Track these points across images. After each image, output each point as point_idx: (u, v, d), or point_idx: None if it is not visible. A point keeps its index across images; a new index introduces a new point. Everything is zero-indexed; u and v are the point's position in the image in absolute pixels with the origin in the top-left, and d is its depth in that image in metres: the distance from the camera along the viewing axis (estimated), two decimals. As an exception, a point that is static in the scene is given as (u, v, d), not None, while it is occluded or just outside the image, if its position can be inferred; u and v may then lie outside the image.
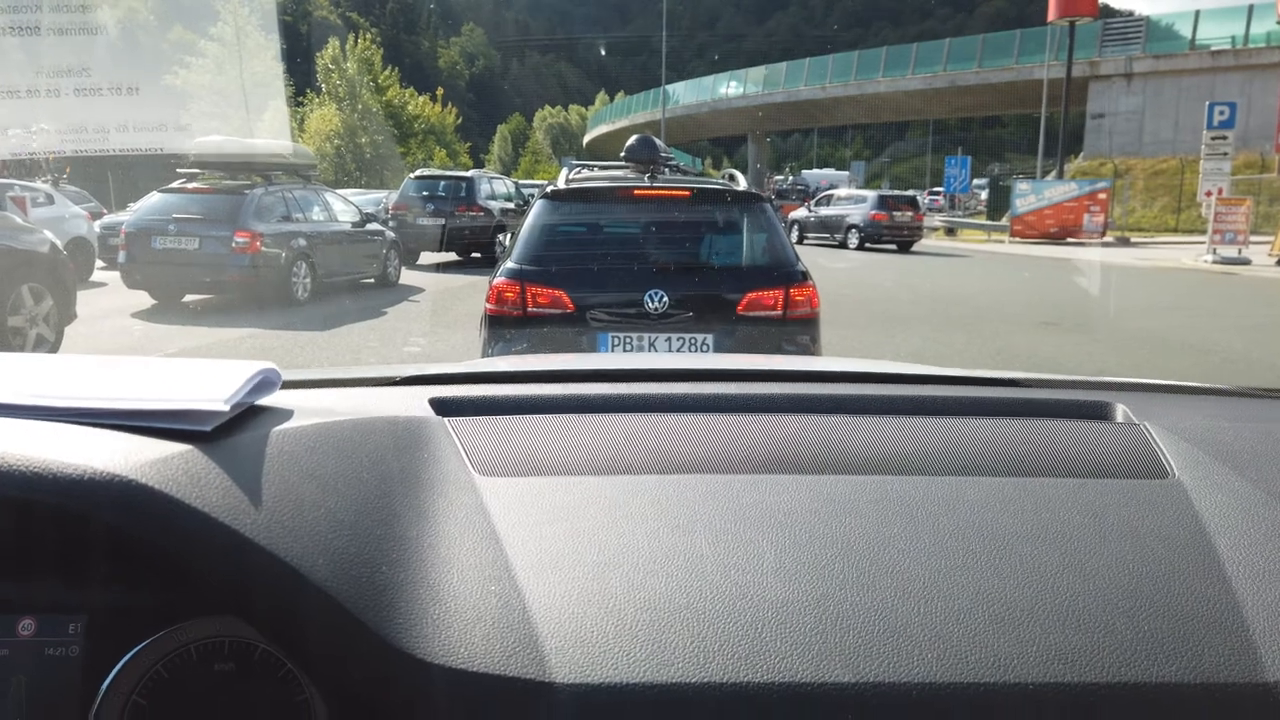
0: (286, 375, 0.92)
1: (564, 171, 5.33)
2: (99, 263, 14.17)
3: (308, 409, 0.85)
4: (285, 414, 0.82)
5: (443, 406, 0.98)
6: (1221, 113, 21.14)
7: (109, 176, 25.08)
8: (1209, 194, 20.15)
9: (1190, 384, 1.29)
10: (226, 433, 0.74)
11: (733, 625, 0.65)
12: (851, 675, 0.61)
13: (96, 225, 14.89)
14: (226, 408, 0.74)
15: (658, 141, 5.40)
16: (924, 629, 0.65)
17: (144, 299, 11.08)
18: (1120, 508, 0.82)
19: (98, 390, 0.77)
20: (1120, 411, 1.04)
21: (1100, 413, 1.05)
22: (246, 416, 0.79)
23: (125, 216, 12.67)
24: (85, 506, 0.62)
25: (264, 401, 0.84)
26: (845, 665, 0.62)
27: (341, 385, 1.12)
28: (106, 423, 0.71)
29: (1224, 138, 20.92)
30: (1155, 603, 0.69)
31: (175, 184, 11.14)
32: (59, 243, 7.71)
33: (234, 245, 10.44)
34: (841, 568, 0.71)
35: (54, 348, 7.35)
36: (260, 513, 0.65)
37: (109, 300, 11.10)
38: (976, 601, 0.68)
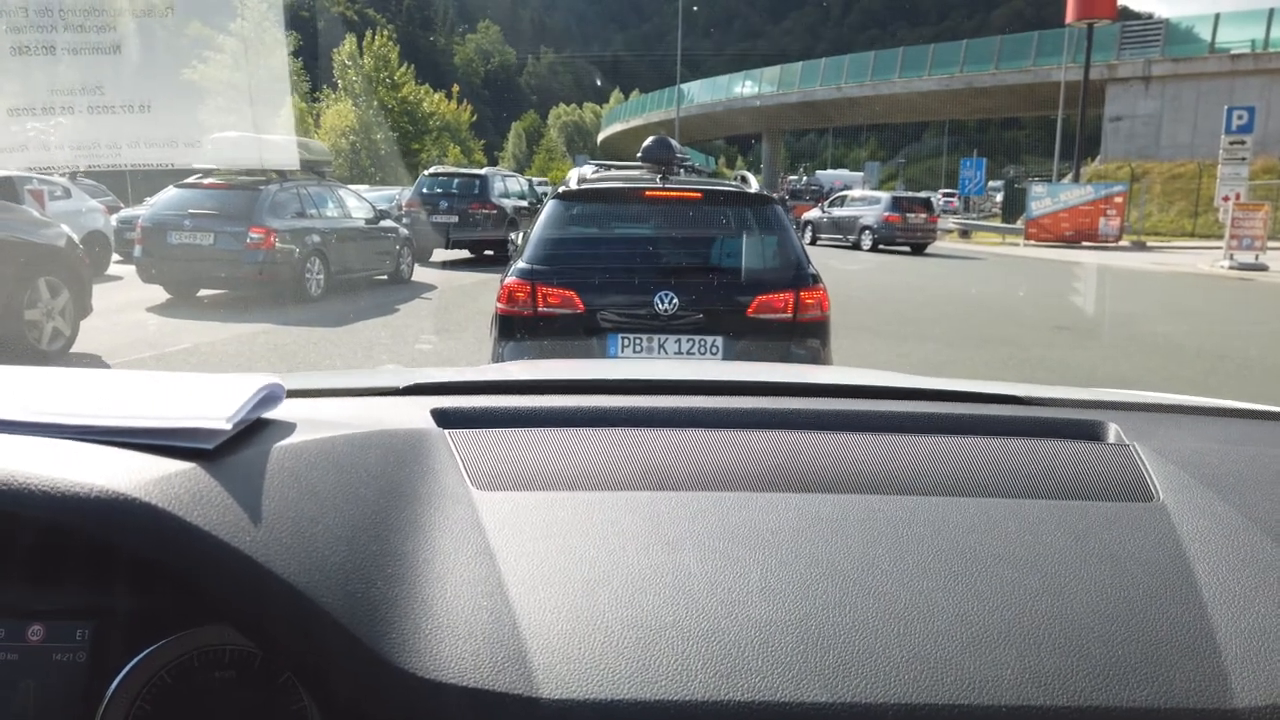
0: (291, 384, 0.93)
1: (574, 170, 5.33)
2: (115, 256, 14.30)
3: (311, 421, 0.87)
4: (288, 428, 0.84)
5: (444, 418, 0.99)
6: (1240, 117, 21.00)
7: (126, 171, 25.24)
8: (1226, 199, 20.00)
9: (1189, 403, 1.29)
10: (229, 449, 0.75)
11: (716, 643, 0.66)
12: (828, 695, 0.63)
13: (113, 219, 15.03)
14: (228, 426, 0.76)
15: (674, 143, 5.40)
16: (902, 650, 0.67)
17: (159, 293, 11.18)
18: (1103, 531, 0.83)
19: (103, 407, 0.79)
20: (1113, 432, 1.05)
21: (1093, 433, 1.06)
22: (250, 430, 0.81)
23: (141, 211, 12.78)
24: (89, 524, 0.64)
25: (268, 414, 0.86)
26: (823, 685, 0.64)
27: (345, 395, 1.14)
28: (111, 440, 0.73)
29: (1242, 142, 20.80)
30: (1130, 627, 0.70)
31: (191, 179, 11.21)
32: (75, 237, 7.78)
33: (248, 241, 10.52)
34: (825, 588, 0.73)
35: (70, 341, 7.43)
36: (259, 530, 0.67)
37: (124, 294, 11.18)
38: (955, 624, 0.69)
